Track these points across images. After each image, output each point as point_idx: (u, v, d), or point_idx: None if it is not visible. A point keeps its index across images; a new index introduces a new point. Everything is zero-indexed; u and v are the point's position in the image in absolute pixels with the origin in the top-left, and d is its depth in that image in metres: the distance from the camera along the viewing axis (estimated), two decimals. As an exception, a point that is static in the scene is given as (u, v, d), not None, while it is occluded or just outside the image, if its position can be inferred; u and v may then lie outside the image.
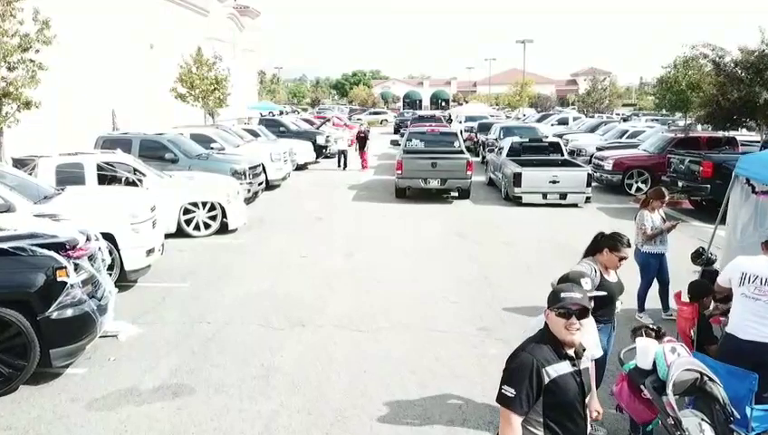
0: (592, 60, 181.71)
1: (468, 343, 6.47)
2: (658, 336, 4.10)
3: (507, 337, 6.58)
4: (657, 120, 37.73)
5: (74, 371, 5.75)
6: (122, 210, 8.05)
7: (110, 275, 7.72)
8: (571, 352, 2.94)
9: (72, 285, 5.39)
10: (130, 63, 28.12)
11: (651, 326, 4.24)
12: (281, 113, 42.23)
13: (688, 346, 4.51)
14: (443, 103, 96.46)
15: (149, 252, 8.22)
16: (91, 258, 5.92)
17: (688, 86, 25.81)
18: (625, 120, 36.60)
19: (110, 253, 7.77)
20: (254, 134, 21.98)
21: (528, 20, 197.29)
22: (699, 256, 6.97)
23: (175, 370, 5.78)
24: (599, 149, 20.36)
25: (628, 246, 4.71)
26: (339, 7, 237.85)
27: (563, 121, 34.56)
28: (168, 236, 10.48)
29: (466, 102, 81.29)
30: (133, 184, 10.92)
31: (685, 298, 5.23)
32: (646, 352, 3.94)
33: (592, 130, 28.01)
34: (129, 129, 18.49)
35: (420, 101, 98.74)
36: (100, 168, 10.77)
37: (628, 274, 7.99)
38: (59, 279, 5.32)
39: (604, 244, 4.68)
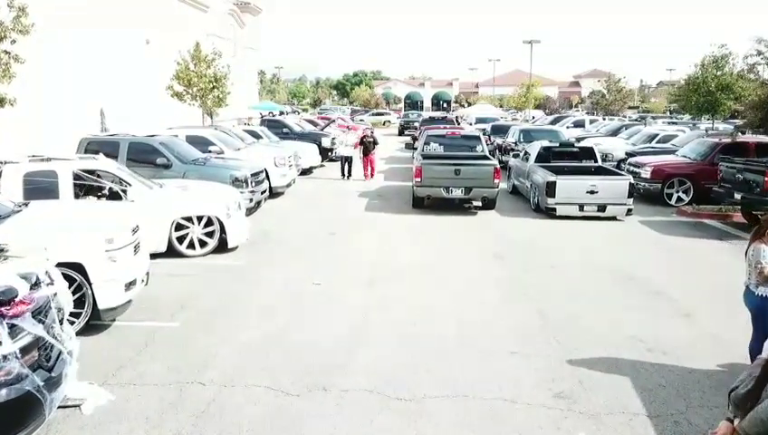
0: (594, 62, 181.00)
1: (547, 419, 4.86)
2: None
3: (595, 410, 5.01)
4: (674, 122, 36.19)
5: (14, 468, 4.15)
6: (95, 234, 6.42)
7: (79, 316, 6.17)
8: None
9: (5, 357, 3.80)
10: (124, 59, 26.61)
11: None
12: (281, 114, 40.69)
13: None
14: (444, 105, 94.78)
15: (130, 285, 6.60)
16: (40, 311, 4.31)
17: (718, 87, 24.38)
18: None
19: (81, 287, 6.22)
20: (256, 136, 20.44)
21: (529, 21, 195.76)
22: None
23: (153, 469, 4.18)
24: (629, 154, 18.87)
25: None
26: (340, 7, 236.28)
27: (580, 124, 32.95)
28: (156, 256, 8.94)
29: (469, 104, 79.74)
30: (116, 196, 9.34)
31: None
32: None
33: (614, 133, 26.43)
34: (119, 129, 16.93)
35: (422, 102, 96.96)
36: (77, 176, 9.19)
37: (736, 322, 6.45)
38: (-14, 349, 3.74)
39: None
